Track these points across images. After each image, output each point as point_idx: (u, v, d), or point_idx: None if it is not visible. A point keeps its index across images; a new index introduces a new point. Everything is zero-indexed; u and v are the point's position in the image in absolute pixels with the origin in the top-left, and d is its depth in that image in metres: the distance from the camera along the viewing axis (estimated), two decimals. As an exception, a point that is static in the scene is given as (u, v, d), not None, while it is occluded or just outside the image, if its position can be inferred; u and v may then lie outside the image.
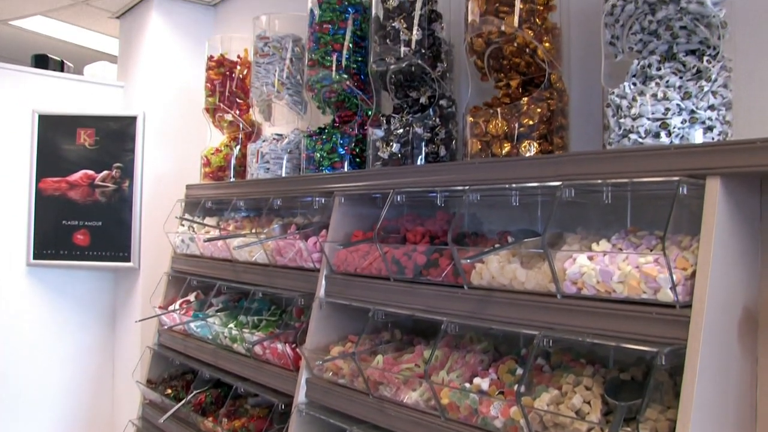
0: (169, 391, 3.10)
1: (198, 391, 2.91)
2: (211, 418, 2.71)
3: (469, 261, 1.71)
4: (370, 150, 2.28)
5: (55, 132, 3.94)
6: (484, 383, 1.67)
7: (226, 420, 2.63)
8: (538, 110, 1.82)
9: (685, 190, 1.37)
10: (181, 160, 3.96)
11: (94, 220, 3.94)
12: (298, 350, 2.28)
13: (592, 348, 1.70)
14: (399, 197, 2.01)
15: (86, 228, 3.94)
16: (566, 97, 1.90)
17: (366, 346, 2.10)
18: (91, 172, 3.96)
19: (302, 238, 2.38)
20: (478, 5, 1.91)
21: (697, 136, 1.48)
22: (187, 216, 3.34)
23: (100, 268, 4.04)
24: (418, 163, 2.15)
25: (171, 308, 3.21)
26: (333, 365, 2.12)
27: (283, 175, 2.80)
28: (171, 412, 2.87)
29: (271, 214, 2.94)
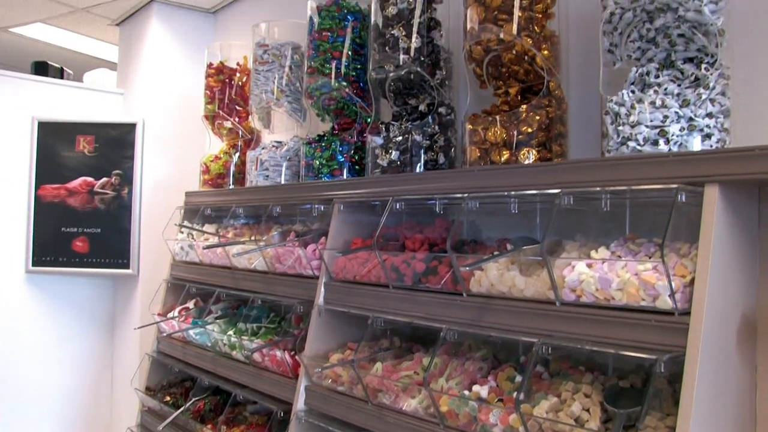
0: (168, 398, 3.09)
1: (197, 399, 2.90)
2: (210, 426, 2.70)
3: (468, 268, 1.71)
4: (369, 157, 2.28)
5: (54, 139, 3.94)
6: (483, 391, 1.66)
7: (225, 427, 2.62)
8: (537, 118, 1.83)
9: (683, 197, 1.37)
10: (180, 167, 3.97)
11: (93, 227, 3.94)
12: (297, 357, 2.27)
13: (591, 355, 1.70)
14: (398, 205, 2.02)
15: (85, 235, 3.93)
16: (565, 105, 1.90)
17: (365, 353, 2.09)
18: (90, 179, 3.96)
19: (301, 246, 2.38)
20: (477, 13, 1.91)
21: (696, 144, 1.49)
22: (186, 223, 3.34)
23: (99, 275, 4.03)
24: (417, 170, 2.15)
25: (170, 315, 3.20)
26: (332, 372, 2.11)
27: (283, 182, 2.80)
28: (170, 419, 2.86)
29: (270, 221, 2.94)
